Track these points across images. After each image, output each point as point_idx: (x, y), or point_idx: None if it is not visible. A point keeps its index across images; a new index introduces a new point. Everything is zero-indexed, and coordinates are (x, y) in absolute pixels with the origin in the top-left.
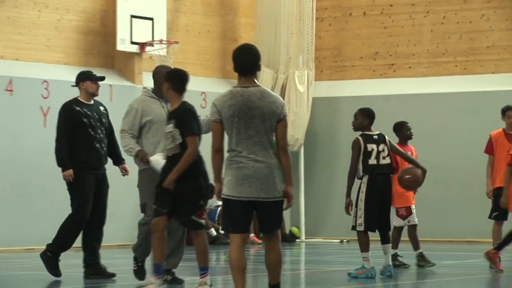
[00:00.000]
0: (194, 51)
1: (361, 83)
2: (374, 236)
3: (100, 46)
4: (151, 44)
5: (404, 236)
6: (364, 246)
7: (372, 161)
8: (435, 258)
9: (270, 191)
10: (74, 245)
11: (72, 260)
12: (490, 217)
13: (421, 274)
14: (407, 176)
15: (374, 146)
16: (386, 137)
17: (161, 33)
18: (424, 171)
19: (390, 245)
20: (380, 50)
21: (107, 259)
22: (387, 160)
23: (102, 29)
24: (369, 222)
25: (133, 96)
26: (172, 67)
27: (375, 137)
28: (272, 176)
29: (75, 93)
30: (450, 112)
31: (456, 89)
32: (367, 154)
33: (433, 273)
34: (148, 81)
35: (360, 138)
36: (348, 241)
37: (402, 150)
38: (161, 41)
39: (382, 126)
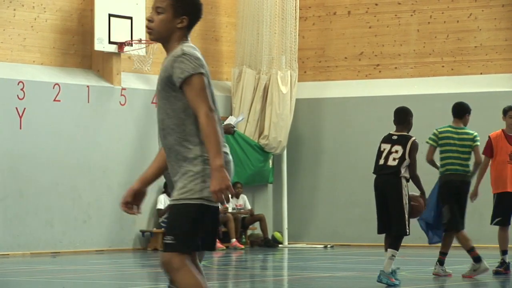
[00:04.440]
0: None
1: (345, 84)
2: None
3: (77, 45)
4: (129, 43)
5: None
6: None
7: (381, 161)
8: (420, 264)
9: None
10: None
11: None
12: (492, 223)
13: (403, 280)
14: (413, 203)
15: (387, 146)
16: (411, 141)
17: (140, 32)
18: (422, 193)
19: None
20: (365, 50)
21: (85, 265)
22: (395, 162)
23: (80, 28)
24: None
25: (111, 98)
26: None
27: (394, 137)
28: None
29: (52, 94)
30: (437, 114)
31: (443, 90)
32: (379, 154)
33: (418, 279)
34: (127, 82)
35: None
36: (332, 246)
37: (414, 162)
38: (140, 41)
39: (367, 128)
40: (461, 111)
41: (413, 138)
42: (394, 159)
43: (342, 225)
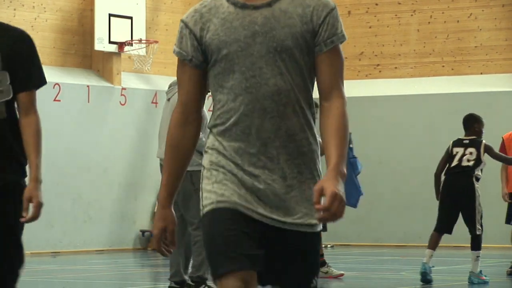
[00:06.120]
0: None
1: (346, 84)
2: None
3: (77, 45)
4: (130, 43)
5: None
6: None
7: (455, 162)
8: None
9: None
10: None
11: (50, 266)
12: (507, 222)
13: (406, 280)
14: None
15: (460, 149)
16: (483, 144)
17: (140, 32)
18: None
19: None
20: (365, 50)
21: (85, 265)
22: (470, 163)
23: (80, 28)
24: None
25: (111, 98)
26: None
27: (466, 141)
28: None
29: (52, 94)
30: (437, 114)
31: (443, 90)
32: (451, 157)
33: (419, 279)
34: (127, 82)
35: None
36: (332, 246)
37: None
38: (140, 41)
39: (366, 128)
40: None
41: (484, 141)
42: (468, 160)
43: (342, 225)
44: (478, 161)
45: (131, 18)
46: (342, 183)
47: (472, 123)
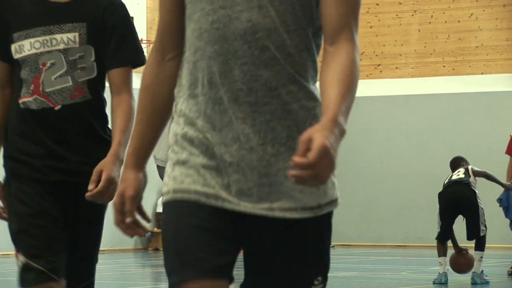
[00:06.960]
0: None
1: None
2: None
3: None
4: None
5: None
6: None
7: (447, 181)
8: (423, 264)
9: None
10: None
11: None
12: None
13: (405, 280)
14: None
15: (450, 175)
16: (470, 166)
17: (141, 32)
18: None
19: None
20: (366, 50)
21: None
22: (462, 175)
23: None
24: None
25: None
26: None
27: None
28: None
29: None
30: (438, 114)
31: (444, 90)
32: (443, 186)
33: (420, 279)
34: None
35: None
36: (333, 246)
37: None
38: (141, 41)
39: (368, 128)
40: None
41: (471, 165)
42: (458, 175)
43: (342, 225)
44: (467, 175)
45: (131, 18)
46: (338, 139)
47: (460, 162)
